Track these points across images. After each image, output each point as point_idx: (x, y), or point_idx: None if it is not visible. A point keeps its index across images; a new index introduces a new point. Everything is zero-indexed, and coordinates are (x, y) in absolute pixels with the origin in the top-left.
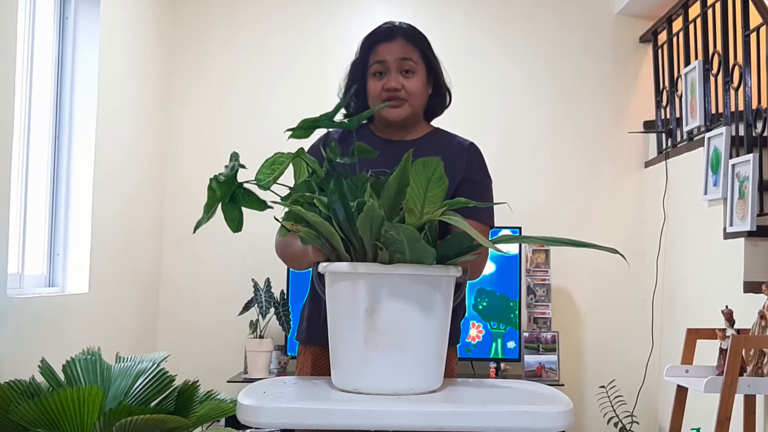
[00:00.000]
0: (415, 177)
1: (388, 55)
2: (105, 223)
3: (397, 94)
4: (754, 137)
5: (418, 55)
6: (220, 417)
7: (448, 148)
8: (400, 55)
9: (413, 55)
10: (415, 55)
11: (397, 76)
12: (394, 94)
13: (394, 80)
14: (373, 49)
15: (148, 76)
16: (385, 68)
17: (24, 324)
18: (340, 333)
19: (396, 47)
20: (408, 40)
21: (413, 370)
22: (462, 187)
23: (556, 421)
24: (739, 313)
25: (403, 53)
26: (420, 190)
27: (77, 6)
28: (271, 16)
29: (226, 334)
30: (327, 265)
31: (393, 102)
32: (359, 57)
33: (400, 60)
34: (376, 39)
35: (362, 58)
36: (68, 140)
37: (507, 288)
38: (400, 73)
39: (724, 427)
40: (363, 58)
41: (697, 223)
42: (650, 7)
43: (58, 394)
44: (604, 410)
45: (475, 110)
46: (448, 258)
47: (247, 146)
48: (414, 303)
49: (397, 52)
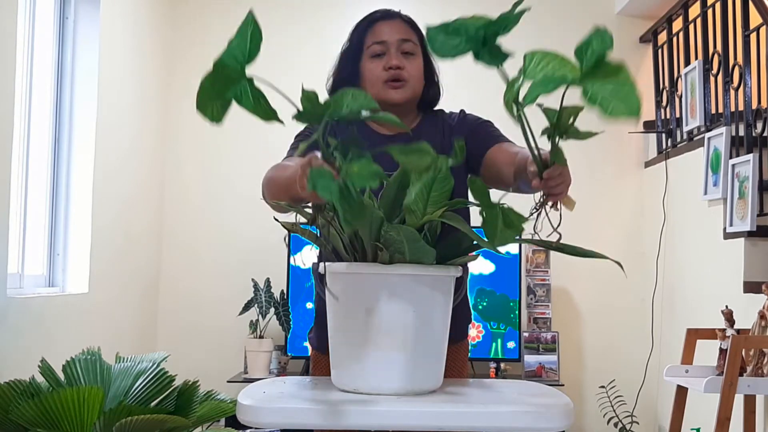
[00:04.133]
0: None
1: (388, 34)
2: (105, 223)
3: (400, 73)
4: (754, 137)
5: (416, 38)
6: (220, 417)
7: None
8: (401, 35)
9: (412, 36)
10: (414, 37)
11: (398, 55)
12: (397, 73)
13: (396, 58)
14: (370, 29)
15: (148, 76)
16: (385, 48)
17: (24, 324)
18: (340, 333)
19: (396, 26)
20: (406, 22)
21: (413, 370)
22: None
23: (556, 421)
24: (739, 313)
25: (403, 33)
26: (424, 190)
27: (77, 6)
28: (270, 16)
29: (226, 334)
30: (327, 265)
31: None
32: (353, 40)
33: (400, 40)
34: (373, 18)
35: (357, 40)
36: (68, 140)
37: (507, 288)
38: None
39: (724, 427)
40: (358, 40)
41: (697, 223)
42: (650, 7)
43: (58, 394)
44: (604, 410)
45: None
46: (448, 258)
47: (247, 146)
48: (414, 303)
49: (398, 32)
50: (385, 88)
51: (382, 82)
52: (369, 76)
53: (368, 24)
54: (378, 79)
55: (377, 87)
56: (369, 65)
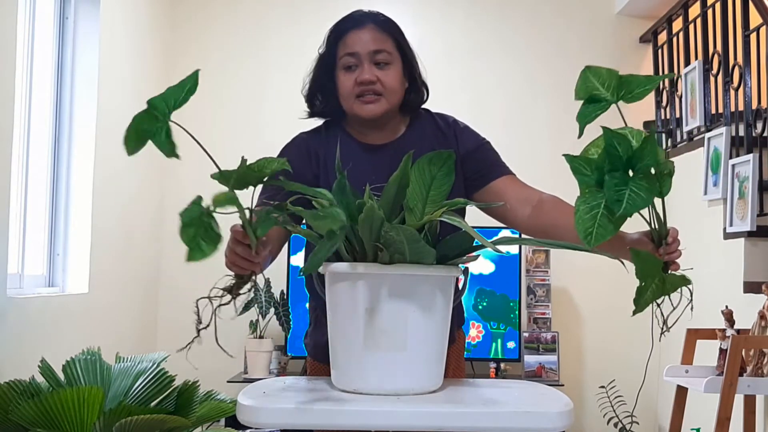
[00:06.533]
0: (418, 175)
1: (358, 45)
2: (105, 223)
3: (372, 87)
4: (754, 137)
5: (391, 44)
6: (220, 417)
7: (433, 137)
8: (373, 46)
9: (386, 44)
10: (388, 45)
11: (371, 68)
12: (369, 88)
13: (368, 72)
14: (341, 40)
15: (148, 76)
16: (357, 61)
17: (24, 324)
18: (340, 333)
19: (367, 36)
20: (379, 26)
21: (413, 370)
22: (468, 160)
23: (556, 421)
24: (739, 313)
25: (375, 43)
26: (423, 189)
27: (77, 6)
28: (270, 15)
29: (226, 335)
30: (327, 265)
31: (367, 97)
32: (326, 50)
33: (372, 52)
34: (343, 28)
35: (330, 50)
36: (68, 140)
37: (507, 288)
38: (374, 66)
39: (724, 427)
40: (331, 50)
41: (697, 223)
42: (650, 7)
43: (58, 394)
44: (604, 410)
45: (475, 110)
46: (448, 258)
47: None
48: (414, 303)
49: (369, 43)
50: (358, 103)
51: (354, 96)
52: (342, 90)
53: (339, 34)
54: (350, 93)
55: (350, 101)
56: (342, 77)
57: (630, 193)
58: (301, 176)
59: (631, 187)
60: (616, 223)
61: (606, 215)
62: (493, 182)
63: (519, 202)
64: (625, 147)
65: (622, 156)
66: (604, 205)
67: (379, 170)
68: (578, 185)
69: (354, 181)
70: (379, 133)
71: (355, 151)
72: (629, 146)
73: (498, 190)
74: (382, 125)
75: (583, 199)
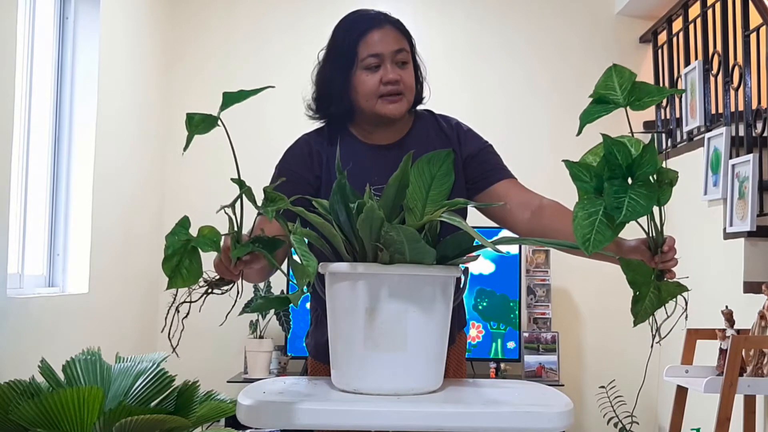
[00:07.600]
0: (418, 175)
1: (382, 46)
2: (105, 223)
3: (397, 87)
4: (754, 137)
5: (407, 43)
6: (220, 417)
7: (436, 138)
8: (395, 46)
9: (404, 44)
10: (405, 44)
11: (394, 68)
12: (395, 88)
13: (393, 72)
14: (362, 39)
15: (148, 76)
16: (379, 61)
17: (24, 324)
18: (340, 333)
19: (389, 36)
20: (396, 27)
21: (413, 370)
22: (471, 163)
23: (556, 421)
24: (739, 314)
25: (397, 43)
26: (422, 189)
27: (77, 6)
28: (270, 15)
29: (226, 335)
30: (327, 265)
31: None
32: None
33: (394, 51)
34: (364, 28)
35: (349, 51)
36: (68, 140)
37: (507, 288)
38: (396, 65)
39: (724, 427)
40: (350, 51)
41: (697, 224)
42: (650, 7)
43: (58, 394)
44: (604, 410)
45: (475, 110)
46: (448, 258)
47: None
48: (414, 303)
49: (392, 43)
50: (383, 103)
51: (377, 96)
52: (363, 89)
53: (360, 34)
54: (373, 93)
55: (372, 101)
56: (363, 77)
57: (630, 201)
58: (302, 179)
59: (630, 194)
60: (615, 230)
61: (604, 222)
62: (495, 185)
63: (519, 205)
64: (625, 155)
65: (622, 164)
66: (602, 212)
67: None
68: (577, 191)
69: (358, 182)
70: (385, 134)
71: (359, 151)
72: (628, 154)
73: (499, 194)
74: (392, 125)
75: (581, 205)
